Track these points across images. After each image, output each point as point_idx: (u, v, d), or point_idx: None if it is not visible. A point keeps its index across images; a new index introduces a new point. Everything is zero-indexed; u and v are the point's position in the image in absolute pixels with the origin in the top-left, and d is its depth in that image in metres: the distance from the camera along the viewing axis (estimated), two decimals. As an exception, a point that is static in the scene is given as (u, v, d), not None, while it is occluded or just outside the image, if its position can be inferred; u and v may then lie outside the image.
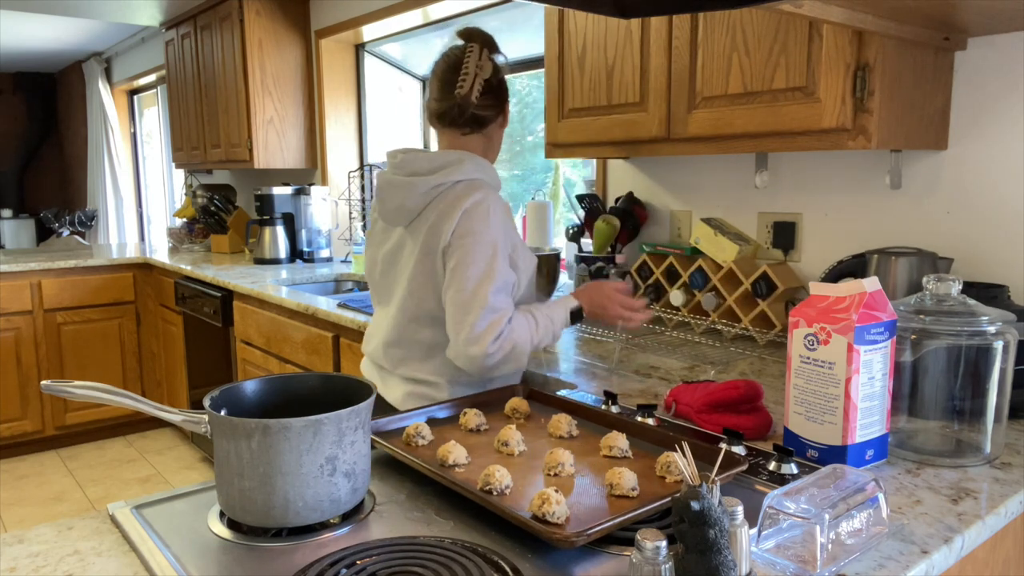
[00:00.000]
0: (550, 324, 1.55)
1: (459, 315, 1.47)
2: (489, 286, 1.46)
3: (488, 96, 1.57)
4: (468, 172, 1.53)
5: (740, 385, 1.32)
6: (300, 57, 3.97)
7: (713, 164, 2.19)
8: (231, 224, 4.31)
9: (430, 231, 1.52)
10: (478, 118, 1.58)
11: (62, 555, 0.93)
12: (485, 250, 1.47)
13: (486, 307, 1.45)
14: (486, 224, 1.49)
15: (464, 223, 1.48)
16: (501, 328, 1.45)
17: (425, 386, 1.59)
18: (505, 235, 1.51)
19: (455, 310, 1.47)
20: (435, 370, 1.59)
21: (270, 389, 1.11)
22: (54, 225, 6.14)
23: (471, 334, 1.44)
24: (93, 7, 4.43)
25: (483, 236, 1.48)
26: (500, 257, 1.49)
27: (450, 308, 1.49)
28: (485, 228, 1.48)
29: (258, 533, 0.98)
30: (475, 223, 1.48)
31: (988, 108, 1.62)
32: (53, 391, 0.96)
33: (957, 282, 1.21)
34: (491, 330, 1.44)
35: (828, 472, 0.99)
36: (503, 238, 1.50)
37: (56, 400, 4.10)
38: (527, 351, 1.50)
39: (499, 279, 1.47)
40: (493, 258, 1.48)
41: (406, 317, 1.59)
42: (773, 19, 1.55)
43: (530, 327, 1.51)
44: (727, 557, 0.75)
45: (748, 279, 1.94)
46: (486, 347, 1.44)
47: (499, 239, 1.49)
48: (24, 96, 7.89)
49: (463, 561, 0.88)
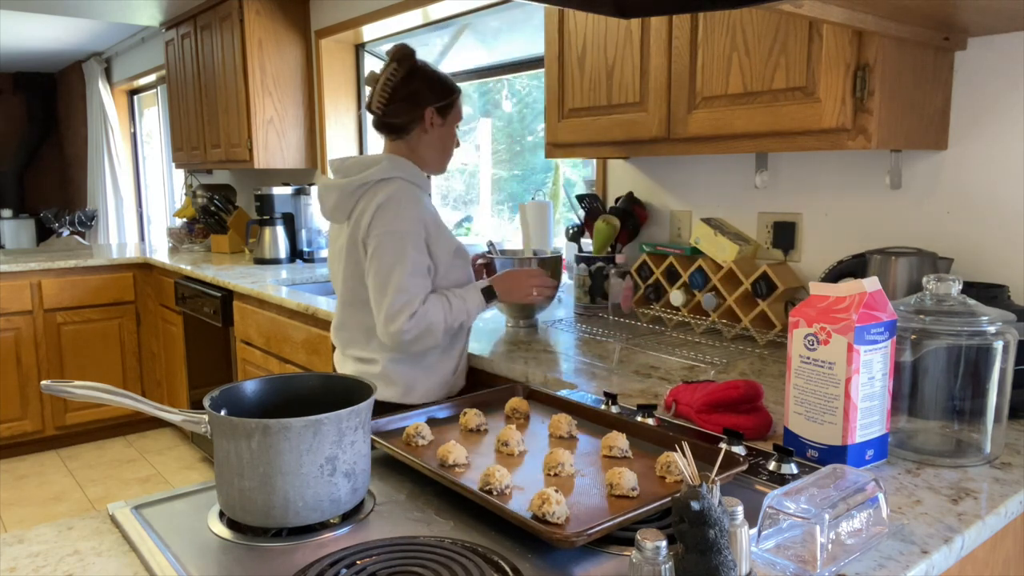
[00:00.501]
0: (463, 304, 1.73)
1: (377, 298, 1.68)
2: (402, 271, 1.66)
3: (396, 105, 1.76)
4: (386, 171, 1.73)
5: (740, 385, 1.32)
6: (300, 57, 3.97)
7: (713, 164, 2.19)
8: (231, 224, 4.31)
9: (355, 224, 1.73)
10: (392, 125, 1.79)
11: (62, 555, 0.93)
12: (395, 239, 1.67)
13: (399, 290, 1.65)
14: (397, 216, 1.68)
15: (379, 216, 1.68)
16: (415, 308, 1.65)
17: (366, 364, 1.80)
18: (416, 224, 1.69)
19: (374, 294, 1.69)
20: (374, 349, 1.78)
21: (270, 389, 1.11)
22: (54, 225, 6.13)
23: (388, 313, 1.65)
24: (93, 7, 4.43)
25: (394, 226, 1.67)
26: (410, 244, 1.67)
27: (371, 293, 1.70)
28: (396, 219, 1.68)
29: (258, 533, 0.98)
30: (387, 216, 1.68)
31: (988, 108, 1.62)
32: (53, 391, 0.96)
33: (957, 282, 1.21)
34: (405, 310, 1.64)
35: (828, 472, 0.99)
36: (414, 227, 1.69)
37: (56, 400, 4.10)
38: (441, 329, 1.69)
39: (410, 265, 1.66)
40: (403, 246, 1.66)
41: (345, 303, 1.82)
42: (773, 19, 1.55)
43: (444, 308, 1.69)
44: (727, 557, 0.75)
45: (748, 279, 1.94)
46: (401, 325, 1.64)
47: (409, 228, 1.68)
48: (24, 96, 7.89)
49: (463, 561, 0.88)
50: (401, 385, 1.76)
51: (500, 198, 3.52)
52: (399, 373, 1.76)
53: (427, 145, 1.81)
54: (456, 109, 1.83)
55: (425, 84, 1.77)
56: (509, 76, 3.24)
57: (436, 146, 1.82)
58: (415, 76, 1.76)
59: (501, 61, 3.20)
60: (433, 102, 1.78)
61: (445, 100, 1.79)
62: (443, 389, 1.82)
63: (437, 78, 1.80)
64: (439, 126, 1.80)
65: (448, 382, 1.83)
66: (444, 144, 1.84)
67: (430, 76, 1.79)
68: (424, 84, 1.77)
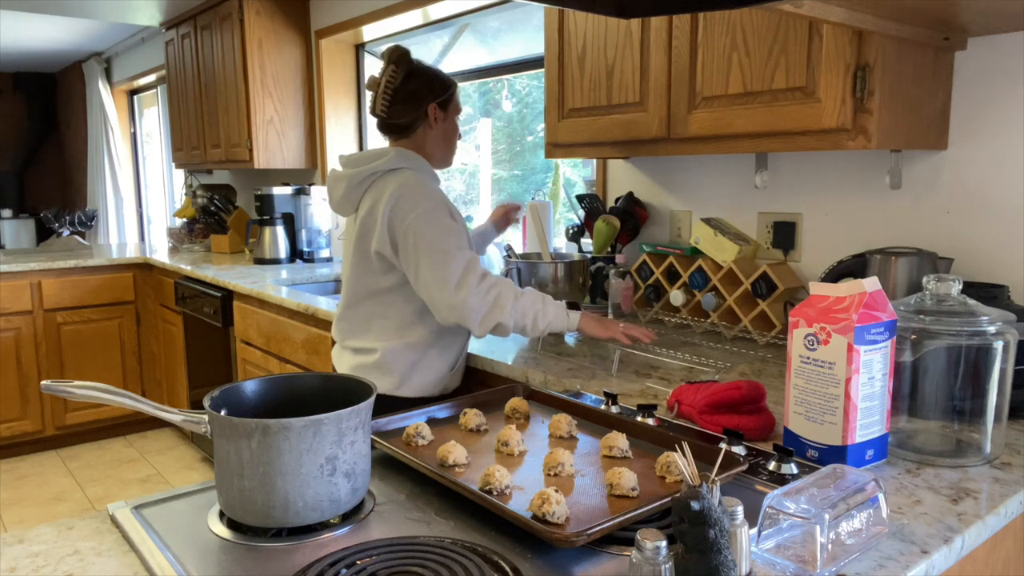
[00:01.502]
0: (540, 303, 1.66)
1: (439, 271, 1.63)
2: (452, 240, 1.66)
3: (399, 106, 1.79)
4: (395, 162, 1.75)
5: (743, 386, 1.31)
6: (300, 57, 3.97)
7: (713, 164, 2.19)
8: (231, 224, 4.31)
9: (368, 214, 1.74)
10: (397, 126, 1.81)
11: (62, 555, 0.93)
12: (429, 217, 1.67)
13: (458, 256, 1.64)
14: (419, 197, 1.68)
15: (400, 207, 1.68)
16: (480, 270, 1.64)
17: (364, 354, 1.80)
18: (440, 201, 1.71)
19: (434, 271, 1.64)
20: (373, 338, 1.79)
21: (270, 389, 1.11)
22: (54, 225, 6.12)
23: (456, 281, 1.62)
24: (93, 7, 4.43)
25: (422, 207, 1.67)
26: (446, 216, 1.69)
27: (428, 273, 1.64)
28: (420, 200, 1.68)
29: (258, 533, 0.98)
30: (409, 202, 1.68)
31: (988, 108, 1.62)
32: (53, 391, 0.96)
33: (957, 282, 1.21)
34: (471, 271, 1.63)
35: (828, 472, 0.99)
36: (440, 202, 1.70)
37: (56, 400, 4.10)
38: (508, 307, 1.63)
39: (455, 235, 1.67)
40: (440, 219, 1.67)
41: (349, 294, 1.83)
42: (773, 19, 1.55)
43: (515, 291, 1.65)
44: (727, 557, 0.75)
45: (748, 279, 1.94)
46: (471, 287, 1.61)
47: (437, 204, 1.69)
48: (24, 96, 7.88)
49: (463, 561, 0.88)
50: (397, 375, 1.76)
51: (500, 198, 3.52)
52: (396, 363, 1.76)
53: (433, 141, 1.85)
54: (455, 102, 1.87)
55: (424, 82, 1.81)
56: (509, 76, 3.24)
57: (441, 140, 1.86)
58: (413, 76, 1.80)
59: (501, 61, 3.20)
60: (434, 98, 1.81)
61: (445, 95, 1.83)
62: (438, 385, 1.82)
63: (434, 75, 1.83)
64: (442, 120, 1.84)
65: (443, 379, 1.83)
66: (448, 137, 1.88)
67: (427, 74, 1.82)
68: (423, 82, 1.81)
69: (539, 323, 1.66)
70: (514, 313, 1.64)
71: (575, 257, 2.23)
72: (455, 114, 1.88)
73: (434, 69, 1.85)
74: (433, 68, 1.85)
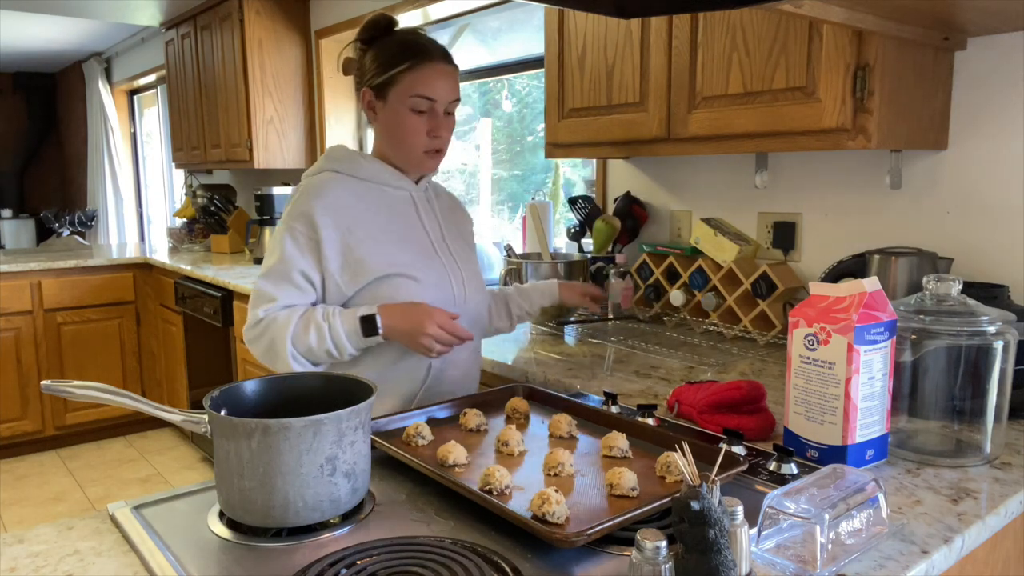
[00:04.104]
0: (325, 330, 1.39)
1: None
2: (266, 269, 1.46)
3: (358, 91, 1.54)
4: (317, 167, 1.55)
5: (743, 386, 1.31)
6: (300, 57, 3.97)
7: (713, 164, 2.19)
8: (231, 224, 4.31)
9: None
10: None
11: (62, 555, 0.93)
12: (275, 238, 1.48)
13: (255, 290, 1.46)
14: (287, 211, 1.49)
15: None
16: (259, 315, 1.43)
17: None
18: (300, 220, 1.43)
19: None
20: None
21: (270, 389, 1.11)
22: (54, 225, 6.12)
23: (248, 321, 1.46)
24: (93, 7, 4.43)
25: (281, 223, 1.49)
26: (287, 239, 1.44)
27: None
28: (286, 214, 1.49)
29: (258, 533, 0.98)
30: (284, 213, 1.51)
31: (988, 108, 1.62)
32: (53, 391, 0.96)
33: (957, 282, 1.21)
34: (252, 312, 1.45)
35: (828, 472, 0.99)
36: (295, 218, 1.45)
37: (56, 400, 4.10)
38: (285, 351, 1.39)
39: (276, 262, 1.44)
40: (277, 243, 1.46)
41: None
42: (773, 19, 1.55)
43: (294, 326, 1.39)
44: (727, 557, 0.75)
45: (748, 279, 1.94)
46: (247, 329, 1.45)
47: (288, 223, 1.45)
48: (24, 96, 7.88)
49: (463, 561, 0.88)
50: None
51: (500, 198, 3.52)
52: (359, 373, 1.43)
53: (378, 134, 1.53)
54: (403, 85, 1.44)
55: (370, 60, 1.47)
56: (509, 76, 3.24)
57: (385, 133, 1.51)
58: (365, 54, 1.49)
59: (501, 61, 3.20)
60: (368, 82, 1.47)
61: (383, 76, 1.44)
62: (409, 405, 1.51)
63: (384, 50, 1.46)
64: (382, 109, 1.48)
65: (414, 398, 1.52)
66: (392, 130, 1.48)
67: (379, 49, 1.47)
68: (369, 61, 1.47)
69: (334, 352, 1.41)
70: (294, 355, 1.41)
71: (575, 257, 2.23)
72: (405, 98, 1.44)
73: (396, 40, 1.48)
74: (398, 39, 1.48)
